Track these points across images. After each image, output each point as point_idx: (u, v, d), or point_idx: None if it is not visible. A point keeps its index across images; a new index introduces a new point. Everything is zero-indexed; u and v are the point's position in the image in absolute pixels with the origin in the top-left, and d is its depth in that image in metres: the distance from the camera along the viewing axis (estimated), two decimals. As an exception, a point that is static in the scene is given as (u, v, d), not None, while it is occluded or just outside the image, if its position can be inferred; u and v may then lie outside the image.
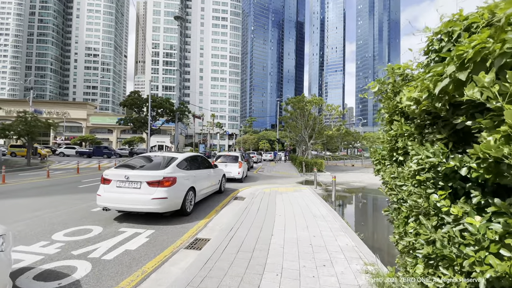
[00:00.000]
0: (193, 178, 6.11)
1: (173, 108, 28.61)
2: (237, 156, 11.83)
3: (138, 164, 5.64)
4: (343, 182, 13.43)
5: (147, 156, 6.12)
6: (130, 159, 6.00)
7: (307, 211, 5.76)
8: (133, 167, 5.46)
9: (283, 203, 6.65)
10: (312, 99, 17.14)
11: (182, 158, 6.04)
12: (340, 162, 30.77)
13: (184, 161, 6.06)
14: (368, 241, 4.45)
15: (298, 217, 5.16)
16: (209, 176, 7.26)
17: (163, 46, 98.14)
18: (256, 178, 14.10)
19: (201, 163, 7.12)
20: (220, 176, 8.55)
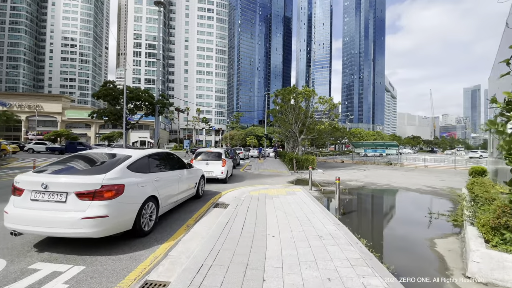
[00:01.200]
0: (155, 183, 4.49)
1: (153, 100, 26.34)
2: (220, 153, 10.24)
3: (69, 166, 3.93)
4: (338, 181, 12.17)
5: (88, 154, 4.40)
6: (62, 158, 4.26)
7: (308, 227, 4.31)
8: (59, 171, 3.75)
9: (276, 213, 5.17)
10: (303, 90, 15.72)
11: (138, 156, 4.39)
12: (330, 158, 29.80)
13: (141, 161, 4.42)
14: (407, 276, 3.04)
15: (298, 240, 3.69)
16: (180, 179, 5.65)
17: (145, 37, 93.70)
18: (243, 177, 12.58)
19: (170, 162, 5.49)
20: (198, 178, 6.95)
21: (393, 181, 12.16)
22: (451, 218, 5.65)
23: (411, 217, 6.16)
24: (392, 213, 6.59)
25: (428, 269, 3.36)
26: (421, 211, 6.84)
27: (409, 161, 23.50)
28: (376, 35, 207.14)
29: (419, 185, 10.98)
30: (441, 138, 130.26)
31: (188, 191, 6.19)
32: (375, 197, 8.87)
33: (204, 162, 9.92)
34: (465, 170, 19.17)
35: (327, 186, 10.25)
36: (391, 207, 7.29)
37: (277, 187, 9.10)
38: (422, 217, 5.93)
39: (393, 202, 8.05)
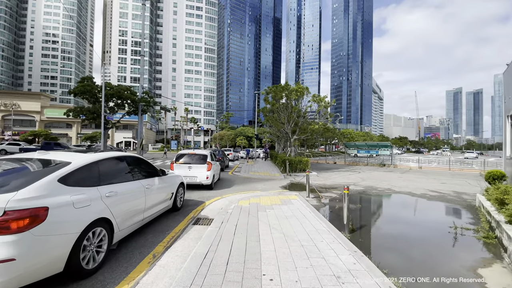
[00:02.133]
0: (107, 200, 3.26)
1: (135, 98, 24.62)
2: (205, 155, 9.00)
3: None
4: (335, 184, 11.22)
5: (8, 159, 3.11)
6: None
7: (317, 258, 3.19)
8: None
9: (272, 235, 4.02)
10: (296, 87, 14.69)
11: (80, 163, 3.14)
12: (321, 159, 29.04)
13: (85, 170, 3.16)
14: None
15: (308, 286, 2.56)
16: (149, 190, 4.41)
17: (131, 34, 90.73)
18: (231, 181, 11.38)
19: (134, 169, 4.24)
20: (175, 187, 5.71)
21: (393, 185, 11.32)
22: (480, 235, 4.70)
23: (432, 233, 5.19)
24: (407, 226, 5.60)
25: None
26: (439, 223, 5.90)
27: (402, 162, 23.05)
28: (364, 38, 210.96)
29: (423, 190, 10.16)
30: (427, 139, 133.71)
31: (160, 205, 4.96)
32: (381, 205, 7.91)
33: (186, 166, 8.66)
34: (460, 171, 18.80)
35: (325, 192, 9.23)
36: (404, 218, 6.31)
37: (270, 194, 7.98)
38: (444, 233, 4.97)
39: (403, 211, 7.09)
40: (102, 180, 3.41)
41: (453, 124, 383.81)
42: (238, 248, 3.45)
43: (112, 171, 3.71)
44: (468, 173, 17.83)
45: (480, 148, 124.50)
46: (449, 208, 7.22)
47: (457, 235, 4.79)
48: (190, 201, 7.11)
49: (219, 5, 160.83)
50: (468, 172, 18.43)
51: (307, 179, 7.97)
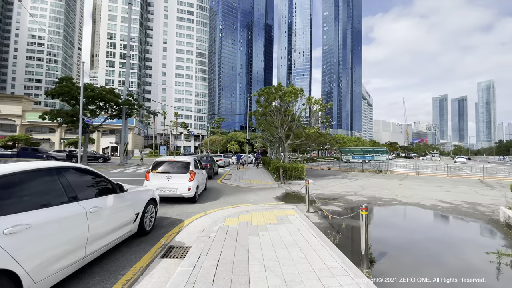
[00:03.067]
0: (8, 241, 2.01)
1: (119, 100, 23.10)
2: (187, 162, 7.73)
3: None
4: (335, 194, 10.14)
5: None
6: None
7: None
8: None
9: (267, 281, 2.82)
10: (290, 88, 13.66)
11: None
12: (315, 165, 28.09)
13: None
14: None
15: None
16: (96, 215, 3.14)
17: (120, 37, 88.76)
18: (219, 192, 10.12)
19: (72, 186, 2.98)
20: (141, 205, 4.44)
21: (397, 194, 10.33)
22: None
23: (470, 261, 4.11)
24: (435, 253, 4.51)
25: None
26: (469, 245, 4.85)
27: (398, 169, 22.37)
28: (354, 45, 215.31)
29: (431, 200, 9.20)
30: (416, 144, 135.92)
31: (117, 232, 3.68)
32: (393, 221, 6.83)
33: (164, 175, 7.37)
34: (458, 177, 18.15)
35: (325, 203, 8.10)
36: (425, 240, 5.23)
37: (263, 208, 6.79)
38: (484, 261, 3.91)
39: (422, 230, 6.00)
40: (5, 207, 2.16)
41: (440, 130, 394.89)
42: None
43: (27, 191, 2.46)
44: (468, 179, 17.18)
45: (467, 153, 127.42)
46: (471, 225, 6.22)
47: (500, 265, 3.73)
48: (165, 219, 5.82)
49: (211, 10, 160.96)
50: (467, 178, 17.80)
51: (307, 190, 6.82)
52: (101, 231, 3.26)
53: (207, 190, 10.33)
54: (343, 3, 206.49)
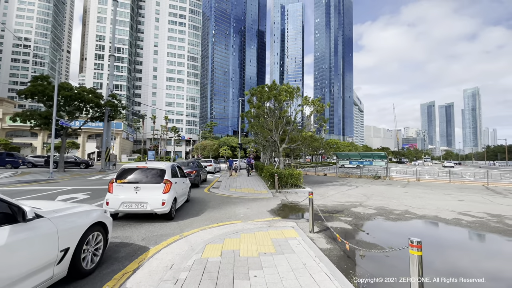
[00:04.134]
0: None
1: (100, 101, 21.39)
2: (162, 170, 6.25)
3: None
4: (338, 206, 8.83)
5: None
6: None
7: None
8: None
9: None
10: (286, 87, 12.39)
11: None
12: (310, 170, 26.86)
13: None
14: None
15: None
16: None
17: (109, 39, 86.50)
18: (204, 204, 8.65)
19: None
20: (72, 237, 2.95)
21: (408, 205, 9.11)
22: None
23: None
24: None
25: None
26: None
27: (398, 175, 21.44)
28: (345, 52, 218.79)
29: (449, 212, 8.01)
30: (406, 150, 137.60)
31: (25, 283, 2.22)
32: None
33: (132, 186, 5.87)
34: (462, 184, 17.22)
35: (330, 218, 6.75)
36: (472, 277, 3.94)
37: (255, 227, 5.39)
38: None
39: (461, 257, 4.71)
40: None
41: (428, 135, 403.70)
42: None
43: None
44: (472, 186, 16.24)
45: (457, 158, 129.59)
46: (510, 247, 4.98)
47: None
48: (124, 247, 4.33)
49: (204, 15, 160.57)
50: (470, 184, 16.88)
51: (311, 203, 5.44)
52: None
53: (190, 201, 8.84)
54: (334, 11, 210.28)
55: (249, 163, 19.53)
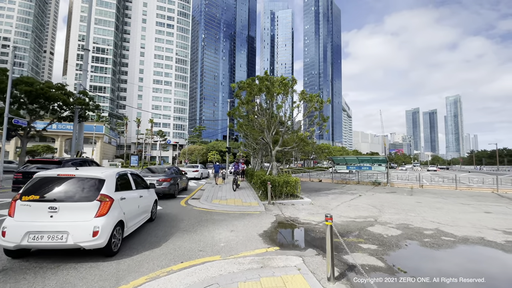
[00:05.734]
0: None
1: (68, 99, 18.82)
2: (98, 180, 4.10)
3: None
4: (350, 224, 6.91)
5: None
6: None
7: None
8: None
9: None
10: (281, 78, 10.49)
11: None
12: (304, 176, 25.03)
13: None
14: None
15: None
16: None
17: (93, 40, 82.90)
18: (174, 222, 6.49)
19: None
20: None
21: (434, 221, 7.31)
22: None
23: None
24: None
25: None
26: None
27: (398, 181, 19.97)
28: (334, 59, 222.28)
29: (488, 230, 6.25)
30: (395, 155, 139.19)
31: None
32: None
33: (45, 206, 3.71)
34: (469, 190, 15.80)
35: (348, 247, 4.78)
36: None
37: (240, 271, 3.35)
38: None
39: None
40: None
41: (413, 141, 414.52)
42: None
43: None
44: (482, 193, 14.82)
45: (444, 164, 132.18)
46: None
47: None
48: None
49: (193, 20, 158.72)
50: (479, 191, 15.49)
51: (329, 234, 3.43)
52: None
53: (156, 220, 6.65)
54: (323, 18, 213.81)
55: (235, 170, 16.50)
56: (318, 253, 4.43)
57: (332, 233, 3.36)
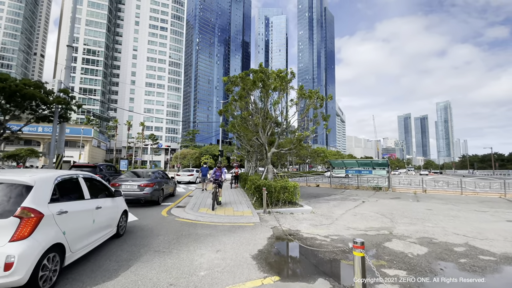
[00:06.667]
0: None
1: (47, 98, 17.36)
2: (20, 186, 2.82)
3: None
4: (362, 237, 5.77)
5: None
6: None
7: None
8: None
9: None
10: (278, 71, 9.39)
11: None
12: (301, 181, 23.91)
13: None
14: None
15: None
16: None
17: (83, 41, 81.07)
18: (146, 239, 5.23)
19: None
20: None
21: (456, 232, 6.24)
22: None
23: None
24: None
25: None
26: None
27: (400, 185, 19.07)
28: (327, 64, 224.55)
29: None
30: (388, 159, 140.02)
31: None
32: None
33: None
34: (475, 195, 14.93)
35: (371, 278, 3.62)
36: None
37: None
38: None
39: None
40: None
41: (406, 145, 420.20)
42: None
43: None
44: (488, 197, 13.96)
45: (438, 168, 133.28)
46: None
47: None
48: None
49: (188, 24, 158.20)
50: (485, 196, 14.62)
51: (359, 266, 2.28)
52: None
53: (124, 235, 5.37)
54: (317, 24, 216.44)
55: (217, 179, 13.22)
56: (332, 285, 3.25)
57: (365, 268, 2.20)
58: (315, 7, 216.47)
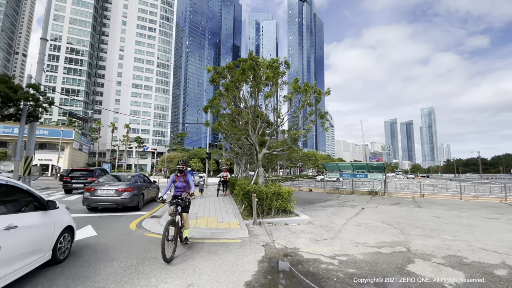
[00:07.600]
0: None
1: (12, 94, 15.52)
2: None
3: None
4: (380, 260, 4.64)
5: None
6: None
7: None
8: None
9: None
10: (271, 60, 8.28)
11: None
12: (293, 185, 22.82)
13: None
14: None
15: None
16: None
17: (67, 40, 77.80)
18: (99, 263, 3.87)
19: None
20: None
21: (482, 247, 5.23)
22: None
23: None
24: None
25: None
26: None
27: (396, 190, 18.29)
28: (317, 70, 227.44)
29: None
30: (377, 163, 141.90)
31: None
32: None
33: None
34: (475, 200, 14.26)
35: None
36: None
37: None
38: None
39: None
40: None
41: (392, 150, 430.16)
42: None
43: None
44: (489, 202, 13.29)
45: (425, 172, 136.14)
46: None
47: None
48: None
49: (178, 26, 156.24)
50: (486, 200, 13.98)
51: None
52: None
53: (66, 260, 3.99)
54: (306, 30, 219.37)
55: (177, 195, 12.75)
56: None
57: None
58: (305, 13, 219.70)
